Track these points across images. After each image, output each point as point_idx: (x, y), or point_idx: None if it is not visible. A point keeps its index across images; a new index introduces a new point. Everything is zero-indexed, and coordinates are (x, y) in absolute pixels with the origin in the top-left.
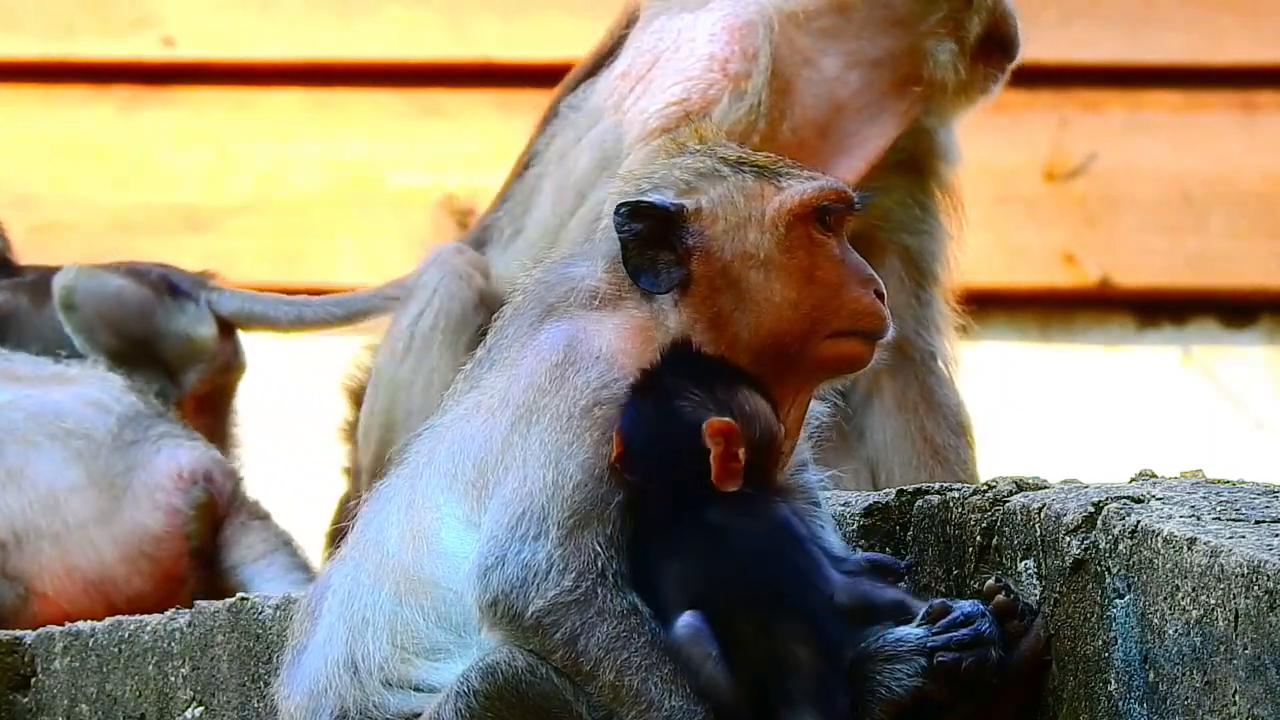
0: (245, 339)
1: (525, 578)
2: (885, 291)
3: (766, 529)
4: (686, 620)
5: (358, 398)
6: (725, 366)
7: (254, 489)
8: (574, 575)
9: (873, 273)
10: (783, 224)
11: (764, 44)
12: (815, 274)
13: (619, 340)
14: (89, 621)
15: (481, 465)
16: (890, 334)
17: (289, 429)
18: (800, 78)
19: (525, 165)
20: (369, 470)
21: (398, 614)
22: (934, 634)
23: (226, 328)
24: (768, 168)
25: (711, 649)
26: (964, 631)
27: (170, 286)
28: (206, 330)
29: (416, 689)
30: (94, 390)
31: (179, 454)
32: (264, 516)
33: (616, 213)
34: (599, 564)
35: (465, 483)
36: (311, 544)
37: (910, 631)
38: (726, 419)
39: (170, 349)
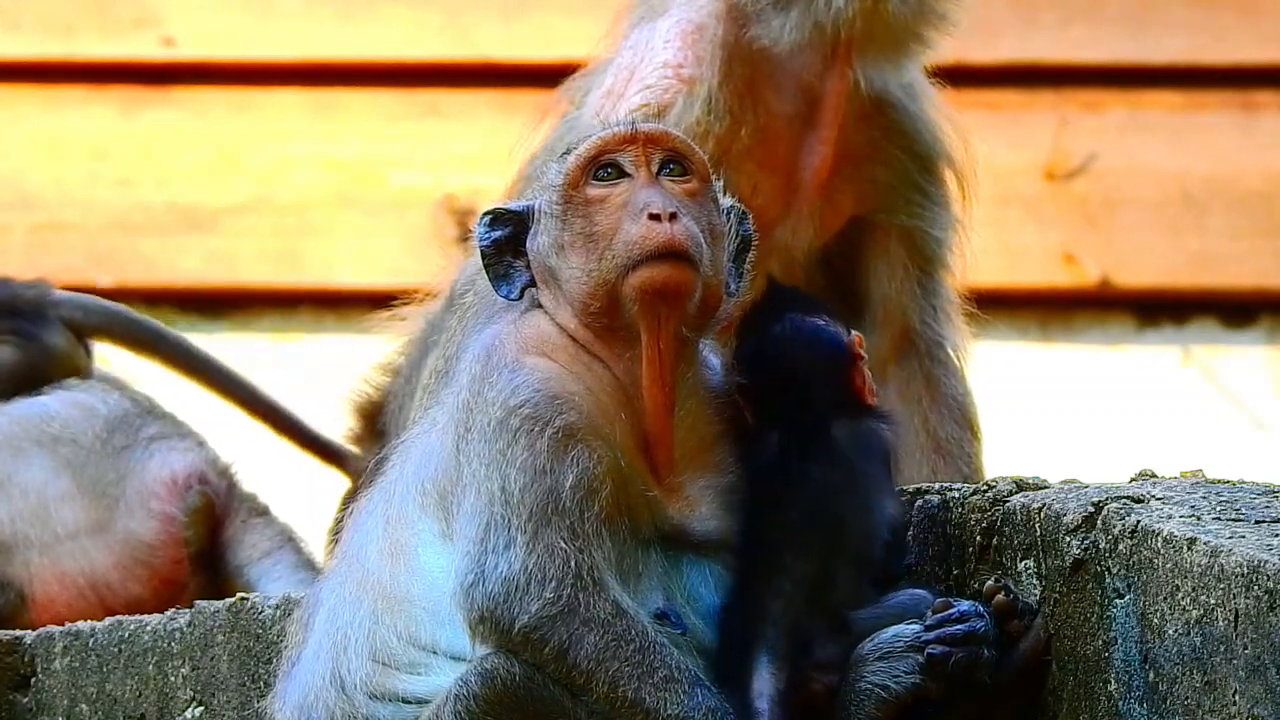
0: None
1: (507, 593)
2: (669, 209)
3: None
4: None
5: (365, 412)
6: (817, 299)
7: (255, 487)
8: (554, 584)
9: (653, 197)
10: (560, 201)
11: (711, 46)
12: (593, 231)
13: (526, 341)
14: (89, 621)
15: (441, 482)
16: (693, 245)
17: None
18: (764, 72)
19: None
20: None
21: (375, 632)
22: (927, 629)
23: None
24: (571, 147)
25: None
26: (958, 628)
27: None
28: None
29: (404, 700)
30: (80, 391)
31: (171, 459)
32: (264, 512)
33: (478, 222)
34: (572, 564)
35: (433, 499)
36: (314, 540)
37: (905, 629)
38: (858, 334)
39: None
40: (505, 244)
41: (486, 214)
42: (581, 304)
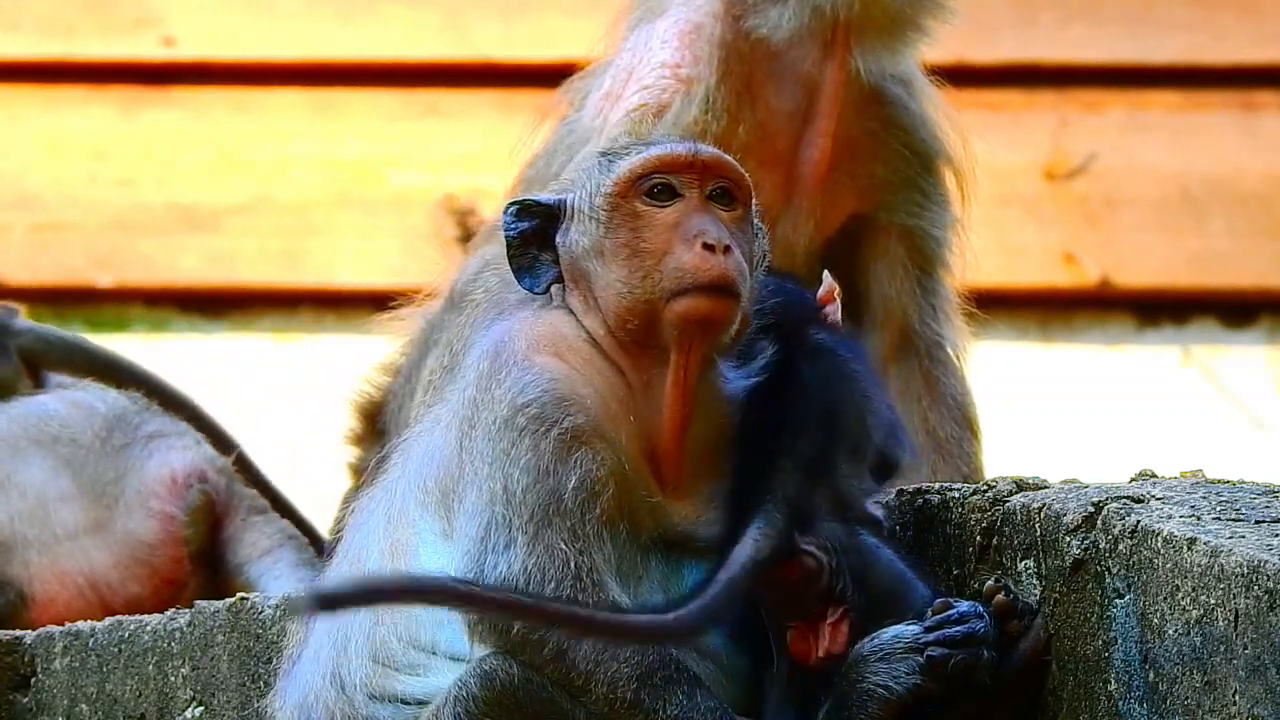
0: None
1: None
2: (724, 242)
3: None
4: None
5: (366, 412)
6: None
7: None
8: (553, 585)
9: (707, 226)
10: (606, 208)
11: (709, 45)
12: (640, 247)
13: (538, 339)
14: (89, 621)
15: (443, 480)
16: (741, 279)
17: (288, 427)
18: (763, 69)
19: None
20: None
21: (375, 633)
22: (927, 630)
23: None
24: (616, 152)
25: None
26: (957, 629)
27: None
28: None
29: (404, 701)
30: (78, 390)
31: (171, 457)
32: (264, 510)
33: (504, 212)
34: (572, 565)
35: (434, 497)
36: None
37: (905, 630)
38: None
39: None
40: (531, 236)
41: (513, 204)
42: (616, 315)
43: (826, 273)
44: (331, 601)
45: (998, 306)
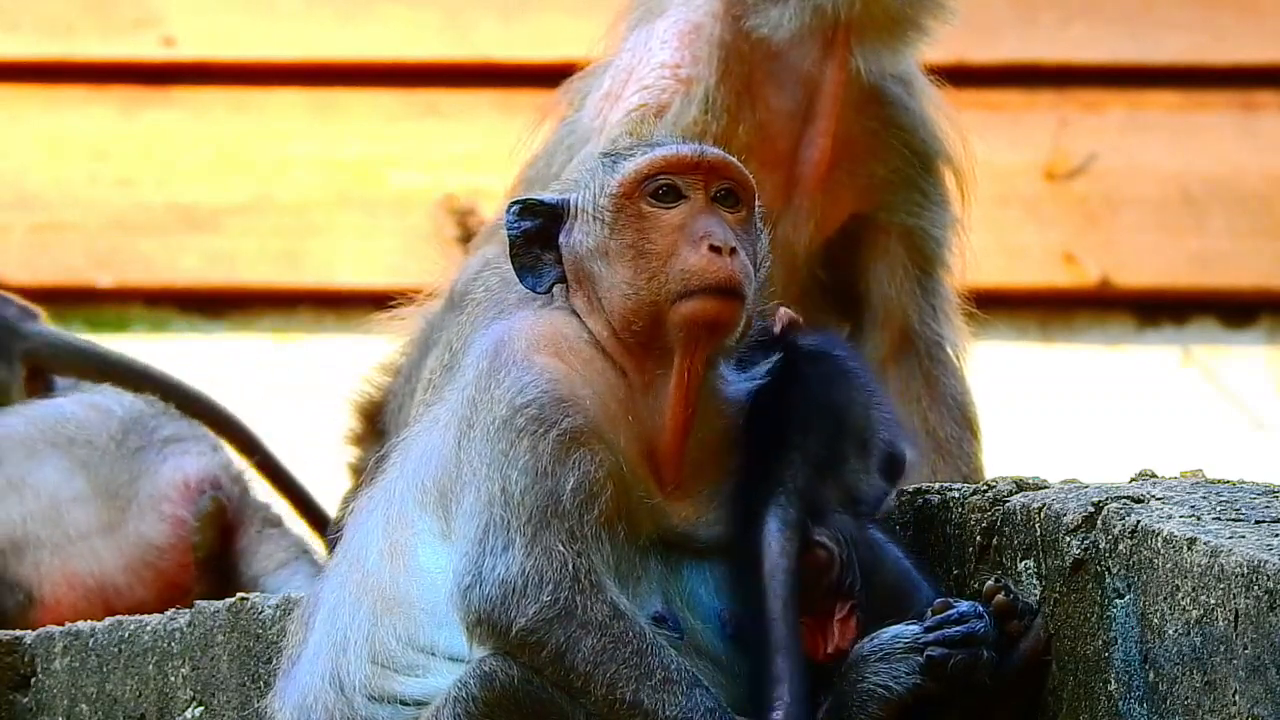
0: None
1: (505, 595)
2: (729, 243)
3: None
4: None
5: (366, 412)
6: None
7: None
8: (551, 587)
9: (713, 228)
10: (610, 209)
11: (709, 45)
12: (645, 248)
13: (538, 339)
14: (89, 621)
15: (441, 480)
16: (746, 281)
17: (288, 427)
18: (763, 69)
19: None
20: None
21: (374, 634)
22: (927, 630)
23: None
24: (620, 153)
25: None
26: (956, 629)
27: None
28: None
29: (403, 702)
30: (95, 393)
31: (184, 462)
32: (278, 523)
33: (507, 211)
34: (570, 567)
35: (432, 498)
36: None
37: (905, 630)
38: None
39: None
40: (534, 236)
41: (516, 203)
42: (621, 317)
43: (782, 308)
44: None
45: (998, 306)
